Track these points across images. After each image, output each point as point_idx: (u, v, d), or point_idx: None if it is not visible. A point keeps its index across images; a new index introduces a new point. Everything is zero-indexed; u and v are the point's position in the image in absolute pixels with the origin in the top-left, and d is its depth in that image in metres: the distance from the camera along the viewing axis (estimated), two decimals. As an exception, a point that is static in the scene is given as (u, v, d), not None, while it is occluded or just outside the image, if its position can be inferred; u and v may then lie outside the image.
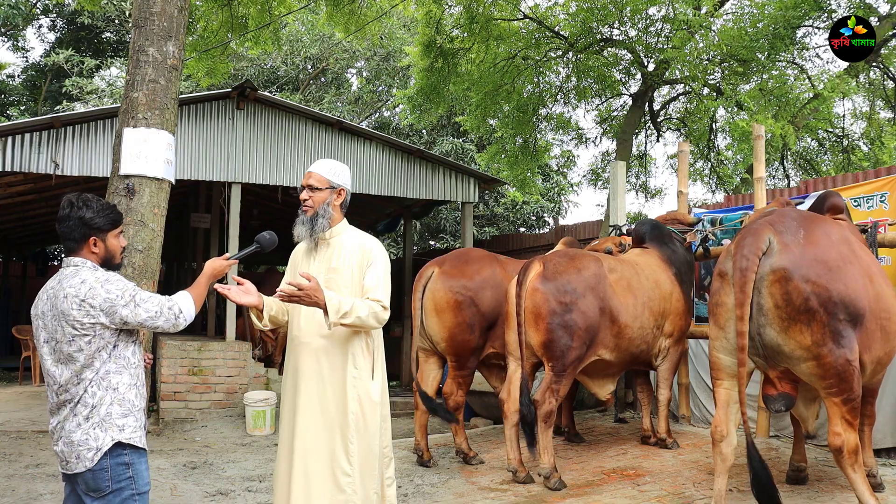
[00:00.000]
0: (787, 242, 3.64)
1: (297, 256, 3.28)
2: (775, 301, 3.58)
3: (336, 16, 10.84)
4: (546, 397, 4.72)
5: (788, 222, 3.76)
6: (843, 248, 3.69)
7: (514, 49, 10.98)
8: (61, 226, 2.52)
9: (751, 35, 8.92)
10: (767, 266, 3.62)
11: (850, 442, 3.55)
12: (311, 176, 3.14)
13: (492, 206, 16.69)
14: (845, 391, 3.53)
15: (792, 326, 3.55)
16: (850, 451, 3.56)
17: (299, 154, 8.60)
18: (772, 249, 3.65)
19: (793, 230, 3.70)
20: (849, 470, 3.58)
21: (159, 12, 3.67)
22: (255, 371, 8.09)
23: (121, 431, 2.44)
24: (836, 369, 3.50)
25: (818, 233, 3.70)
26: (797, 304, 3.53)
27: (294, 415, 3.03)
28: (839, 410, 3.57)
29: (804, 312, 3.52)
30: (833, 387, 3.54)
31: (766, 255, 3.65)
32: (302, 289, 2.81)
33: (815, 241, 3.65)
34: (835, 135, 12.93)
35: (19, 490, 4.87)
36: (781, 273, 3.57)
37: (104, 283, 2.44)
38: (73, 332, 2.39)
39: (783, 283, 3.56)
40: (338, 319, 2.87)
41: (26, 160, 7.42)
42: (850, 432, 3.56)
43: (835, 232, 3.78)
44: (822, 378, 3.56)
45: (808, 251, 3.60)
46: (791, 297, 3.54)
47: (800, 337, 3.54)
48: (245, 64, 18.05)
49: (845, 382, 3.52)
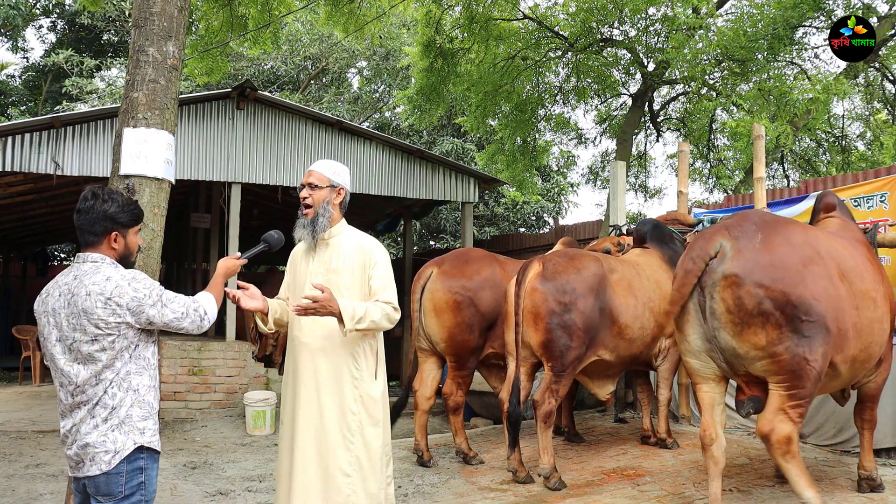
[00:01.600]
0: (741, 248, 3.61)
1: (296, 257, 3.27)
2: (727, 306, 3.56)
3: (335, 16, 10.84)
4: (545, 397, 4.72)
5: (746, 226, 3.72)
6: (804, 250, 3.63)
7: (513, 49, 10.98)
8: (82, 217, 2.40)
9: (749, 35, 8.92)
10: (720, 272, 3.60)
11: (780, 431, 3.50)
12: (311, 174, 3.15)
13: (492, 207, 16.69)
14: (796, 387, 3.50)
15: (745, 330, 3.53)
16: (779, 441, 3.50)
17: (299, 154, 8.61)
18: (725, 255, 3.62)
19: (749, 234, 3.66)
20: (780, 459, 3.54)
21: (159, 12, 3.67)
22: (255, 371, 8.09)
23: (141, 434, 2.39)
24: (790, 366, 3.47)
25: (776, 238, 3.65)
26: (749, 309, 3.50)
27: (295, 415, 3.03)
28: (781, 400, 3.53)
29: (757, 316, 3.49)
30: (784, 381, 3.52)
31: (719, 260, 3.62)
32: (317, 300, 2.84)
33: (771, 245, 3.61)
34: (833, 135, 12.94)
35: (19, 490, 4.87)
36: (733, 279, 3.55)
37: (131, 282, 2.36)
38: (95, 332, 2.30)
39: (734, 289, 3.54)
40: (353, 326, 2.90)
41: (26, 160, 7.42)
42: (784, 423, 3.50)
43: (797, 234, 3.72)
44: (775, 374, 3.54)
45: (763, 256, 3.56)
46: (743, 301, 3.52)
47: (754, 339, 3.52)
48: (245, 64, 18.05)
49: (798, 379, 3.49)
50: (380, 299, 3.04)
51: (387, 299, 3.04)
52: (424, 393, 5.51)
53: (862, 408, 4.35)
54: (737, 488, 4.52)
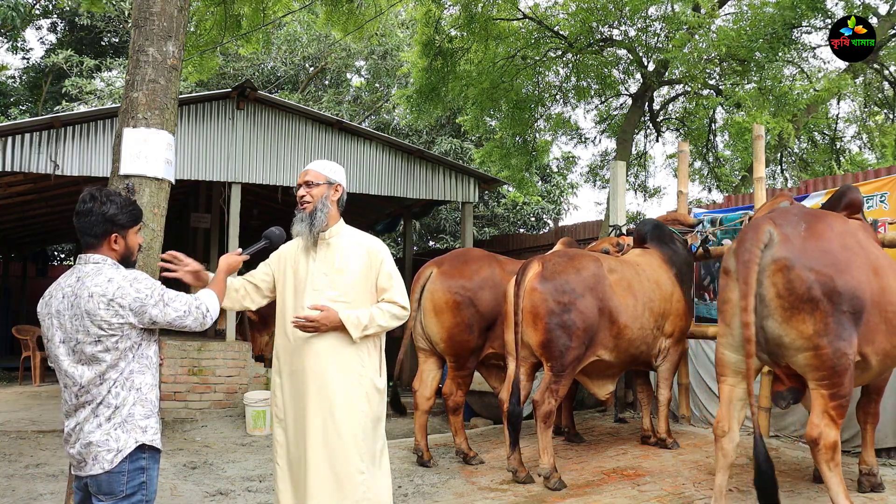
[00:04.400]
0: (787, 234, 3.67)
1: (289, 255, 3.21)
2: (777, 290, 3.60)
3: (335, 16, 10.84)
4: (545, 397, 4.72)
5: (789, 217, 3.80)
6: (847, 239, 3.71)
7: (513, 49, 10.98)
8: (81, 220, 2.42)
9: (749, 35, 8.93)
10: (769, 257, 3.64)
11: (827, 436, 3.54)
12: (307, 173, 3.17)
13: (492, 207, 16.69)
14: (836, 385, 3.53)
15: (794, 316, 3.55)
16: (826, 446, 3.54)
17: (299, 154, 8.61)
18: (772, 241, 3.67)
19: (793, 223, 3.73)
20: (823, 465, 3.57)
21: (159, 12, 3.66)
22: (255, 371, 8.09)
23: (143, 433, 2.40)
24: (831, 362, 3.50)
25: (820, 226, 3.72)
26: (800, 293, 3.54)
27: (302, 415, 3.01)
28: (824, 403, 3.57)
29: (807, 301, 3.52)
30: (825, 379, 3.55)
31: (767, 247, 3.67)
32: (314, 320, 2.94)
33: (817, 233, 3.67)
34: (829, 136, 12.95)
35: (19, 490, 4.87)
36: (783, 262, 3.59)
37: (133, 282, 2.37)
38: (99, 333, 2.32)
39: (785, 273, 3.58)
40: (361, 335, 2.99)
41: (26, 160, 7.42)
42: (831, 427, 3.55)
43: (838, 225, 3.79)
44: (816, 369, 3.56)
45: (810, 242, 3.62)
46: (794, 285, 3.55)
47: (802, 326, 3.54)
48: (244, 64, 18.05)
49: (837, 377, 3.52)
50: (385, 298, 3.08)
51: (393, 298, 3.08)
52: (424, 393, 5.50)
53: (867, 401, 4.37)
54: (737, 488, 4.52)
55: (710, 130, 12.67)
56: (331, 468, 2.93)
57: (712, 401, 6.48)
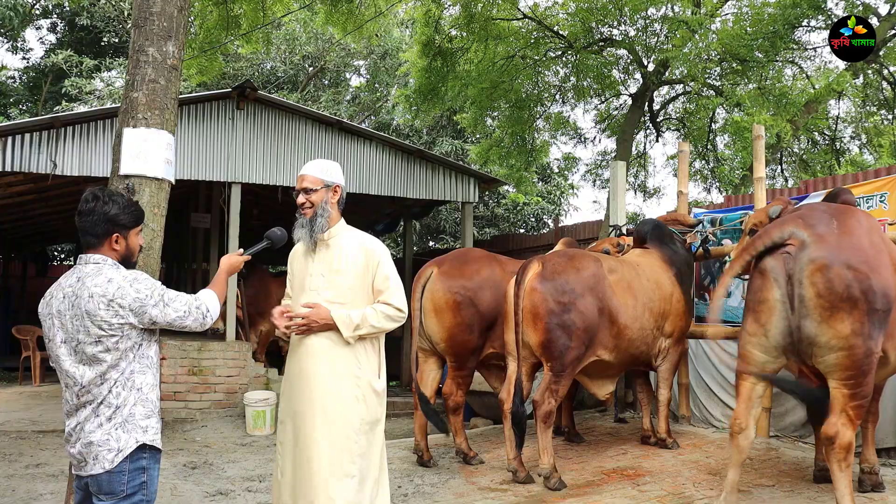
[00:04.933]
0: (821, 233, 3.65)
1: (295, 258, 3.26)
2: (817, 290, 3.57)
3: (334, 15, 10.84)
4: (545, 397, 4.72)
5: (818, 214, 3.80)
6: (874, 237, 3.72)
7: (513, 49, 10.98)
8: (83, 220, 2.43)
9: (750, 34, 8.93)
10: (805, 258, 3.63)
11: (843, 436, 3.55)
12: (304, 179, 3.13)
13: (492, 207, 16.69)
14: (859, 385, 3.54)
15: (833, 315, 3.54)
16: (841, 446, 3.55)
17: (299, 154, 8.61)
18: (805, 242, 3.66)
19: (825, 221, 3.72)
20: (835, 465, 3.58)
21: (159, 12, 3.66)
22: (255, 371, 8.09)
23: (144, 433, 2.40)
24: (861, 361, 3.51)
25: (851, 222, 3.72)
26: (839, 292, 3.52)
27: (296, 416, 3.02)
28: (844, 402, 3.57)
29: (846, 300, 3.51)
30: (851, 379, 3.55)
31: (799, 247, 3.66)
32: (305, 317, 2.95)
33: (849, 230, 3.67)
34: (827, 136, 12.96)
35: (19, 490, 4.87)
36: (822, 262, 3.57)
37: (133, 283, 2.37)
38: (99, 333, 2.32)
39: (824, 272, 3.56)
40: (353, 334, 2.98)
41: (26, 160, 7.42)
42: (847, 427, 3.56)
43: (865, 221, 3.81)
44: (845, 369, 3.55)
45: (845, 240, 3.62)
46: (833, 284, 3.53)
47: (839, 326, 3.53)
48: (244, 64, 18.05)
49: (862, 376, 3.53)
50: (381, 300, 3.06)
51: (388, 300, 3.05)
52: (425, 393, 5.50)
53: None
54: (737, 489, 4.52)
55: (710, 131, 12.68)
56: (322, 469, 2.93)
57: (712, 401, 6.48)
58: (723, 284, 4.28)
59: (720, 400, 6.41)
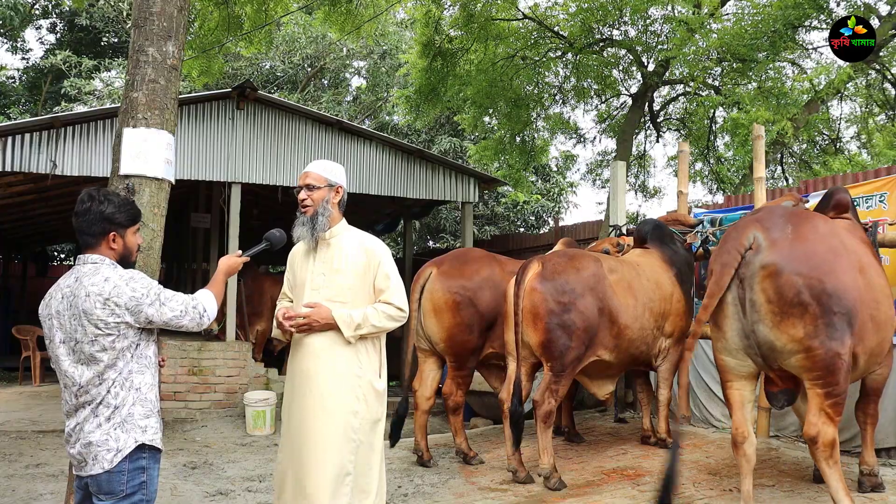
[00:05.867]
0: (775, 238, 3.67)
1: (295, 257, 3.26)
2: (767, 296, 3.61)
3: (332, 16, 10.84)
4: (545, 397, 4.72)
5: (775, 219, 3.80)
6: (832, 241, 3.71)
7: (513, 49, 10.98)
8: (79, 219, 2.43)
9: (751, 34, 8.93)
10: (757, 262, 3.65)
11: (825, 434, 3.55)
12: (307, 176, 3.14)
13: (492, 206, 16.68)
14: (831, 384, 3.54)
15: (784, 321, 3.56)
16: (824, 444, 3.56)
17: (299, 154, 8.60)
18: (759, 246, 3.68)
19: (780, 226, 3.73)
20: (822, 463, 3.59)
21: (159, 12, 3.66)
22: (255, 371, 8.09)
23: (143, 433, 2.40)
24: (825, 362, 3.52)
25: (805, 228, 3.72)
26: (789, 298, 3.55)
27: (298, 416, 3.02)
28: (820, 402, 3.58)
29: (796, 306, 3.53)
30: (819, 378, 3.56)
31: (755, 251, 3.68)
32: (306, 317, 2.96)
33: (803, 235, 3.68)
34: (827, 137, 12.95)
35: (19, 490, 4.87)
36: (772, 268, 3.60)
37: (129, 282, 2.37)
38: (95, 332, 2.32)
39: (774, 278, 3.58)
40: (354, 333, 2.98)
41: (26, 160, 7.42)
42: (828, 425, 3.56)
43: (822, 226, 3.80)
44: (809, 370, 3.57)
45: (798, 246, 3.63)
46: (783, 290, 3.56)
47: (792, 331, 3.55)
48: (244, 64, 18.04)
49: (832, 375, 3.53)
50: (382, 299, 3.07)
51: (390, 300, 3.06)
52: (424, 393, 5.50)
53: (866, 402, 4.37)
54: (737, 488, 4.51)
55: (710, 131, 12.67)
56: (322, 469, 2.93)
57: (712, 401, 6.48)
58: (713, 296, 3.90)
59: (720, 400, 6.40)
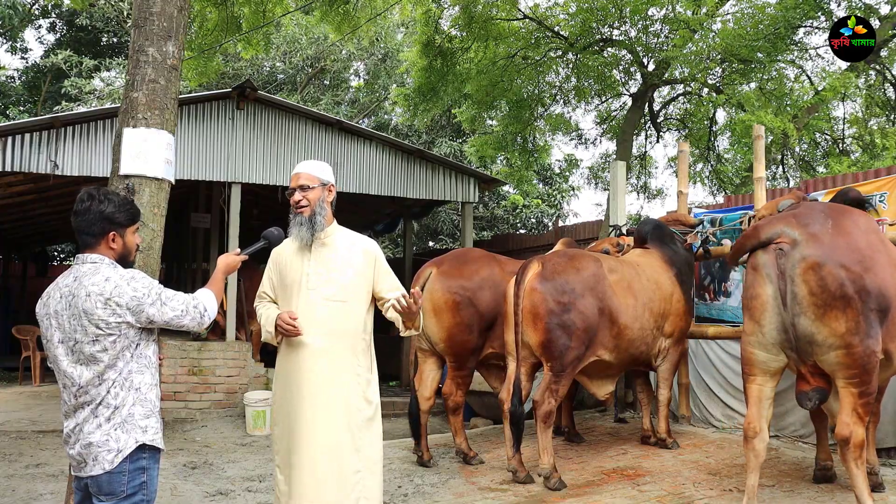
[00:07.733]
0: (814, 232, 3.67)
1: (283, 257, 3.20)
2: (810, 288, 3.60)
3: (329, 16, 10.82)
4: (545, 397, 4.72)
5: (814, 213, 3.81)
6: (871, 237, 3.73)
7: (513, 49, 10.98)
8: (79, 219, 2.42)
9: (751, 35, 8.93)
10: (797, 256, 3.65)
11: (857, 435, 3.57)
12: (299, 177, 3.14)
13: (492, 209, 16.67)
14: (865, 383, 3.55)
15: (827, 313, 3.56)
16: (856, 445, 3.57)
17: (299, 154, 8.60)
18: (797, 240, 3.68)
19: (820, 220, 3.74)
20: (851, 464, 3.59)
21: (159, 12, 3.67)
22: (255, 371, 8.09)
23: (144, 433, 2.40)
24: (862, 360, 3.52)
25: (846, 222, 3.73)
26: (832, 291, 3.54)
27: (299, 416, 3.01)
28: (853, 402, 3.59)
29: (840, 298, 3.53)
30: (856, 377, 3.56)
31: (792, 245, 3.68)
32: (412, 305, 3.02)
33: (844, 230, 3.68)
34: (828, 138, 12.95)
35: (19, 490, 4.86)
36: (814, 260, 3.59)
37: (130, 281, 2.36)
38: (96, 332, 2.31)
39: (816, 270, 3.58)
40: (417, 324, 3.12)
41: (26, 160, 7.42)
42: (859, 426, 3.58)
43: (862, 221, 3.81)
44: (847, 367, 3.57)
45: (839, 240, 3.63)
46: (826, 282, 3.56)
47: (834, 324, 3.55)
48: (243, 64, 18.04)
49: (867, 374, 3.54)
50: (399, 292, 3.13)
51: (402, 289, 3.16)
52: (424, 393, 5.50)
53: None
54: (737, 488, 4.52)
55: (710, 131, 12.67)
56: (327, 467, 2.93)
57: (712, 401, 6.48)
58: None
59: (720, 400, 6.42)
